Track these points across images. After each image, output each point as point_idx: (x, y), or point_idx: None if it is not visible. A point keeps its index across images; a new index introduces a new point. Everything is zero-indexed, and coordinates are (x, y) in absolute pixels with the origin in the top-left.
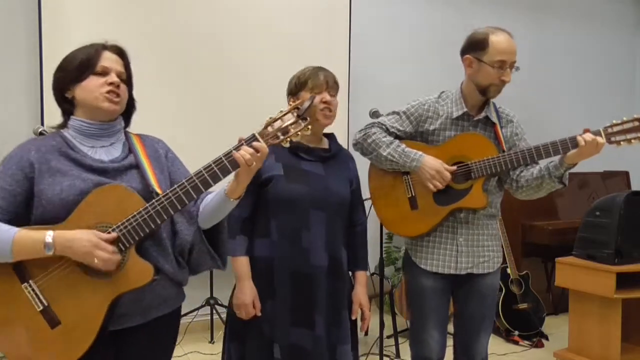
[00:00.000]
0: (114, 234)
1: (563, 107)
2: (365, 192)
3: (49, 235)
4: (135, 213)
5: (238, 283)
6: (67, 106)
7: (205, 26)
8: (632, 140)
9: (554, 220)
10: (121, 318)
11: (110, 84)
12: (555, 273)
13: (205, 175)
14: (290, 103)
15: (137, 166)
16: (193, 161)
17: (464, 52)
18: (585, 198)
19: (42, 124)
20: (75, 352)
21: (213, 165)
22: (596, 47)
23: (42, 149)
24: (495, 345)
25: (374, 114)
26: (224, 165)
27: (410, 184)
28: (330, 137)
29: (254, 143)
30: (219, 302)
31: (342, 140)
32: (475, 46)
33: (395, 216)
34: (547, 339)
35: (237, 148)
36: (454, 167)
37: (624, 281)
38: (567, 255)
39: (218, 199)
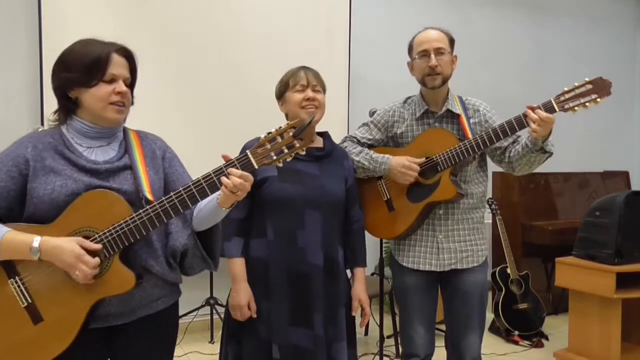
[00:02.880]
0: (98, 246)
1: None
2: None
3: (36, 240)
4: (121, 222)
5: (233, 285)
6: (70, 105)
7: (205, 26)
8: (587, 104)
9: (554, 220)
10: (108, 317)
11: (119, 93)
12: (555, 273)
13: (194, 190)
14: (280, 108)
15: (131, 167)
16: (192, 161)
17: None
18: (585, 198)
19: (42, 124)
20: (54, 348)
21: (202, 181)
22: (596, 47)
23: (39, 146)
24: (495, 345)
25: (374, 114)
26: (213, 182)
27: (384, 187)
28: (325, 135)
29: (242, 174)
30: (219, 302)
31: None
32: (408, 51)
33: (377, 221)
34: (547, 339)
35: (228, 167)
36: (421, 160)
37: (624, 281)
38: (567, 255)
39: (211, 206)
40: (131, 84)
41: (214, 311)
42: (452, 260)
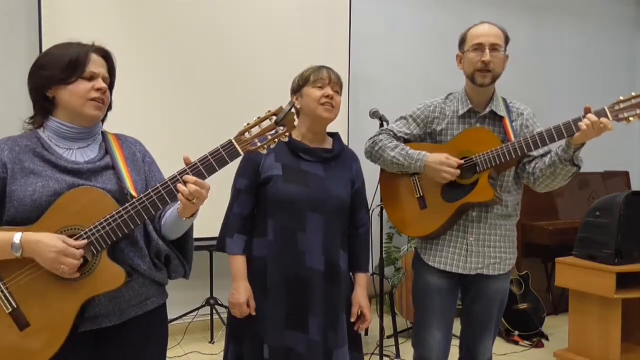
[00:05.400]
0: (84, 241)
1: (563, 107)
2: (376, 198)
3: (16, 236)
4: (108, 217)
5: (233, 282)
6: (47, 105)
7: (206, 26)
8: None
9: (554, 220)
10: (97, 318)
11: (98, 89)
12: (555, 273)
13: (179, 179)
14: (293, 101)
15: (112, 167)
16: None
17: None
18: (585, 198)
19: None
20: (43, 354)
21: (188, 170)
22: (596, 47)
23: (15, 149)
24: (495, 345)
25: (374, 114)
26: (199, 170)
27: (417, 184)
28: (335, 136)
29: (198, 182)
30: (219, 302)
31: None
32: (460, 44)
33: (407, 218)
34: (547, 339)
35: (214, 155)
36: (460, 161)
37: (624, 281)
38: (567, 255)
39: (173, 216)
40: (110, 85)
41: (214, 311)
42: (479, 265)
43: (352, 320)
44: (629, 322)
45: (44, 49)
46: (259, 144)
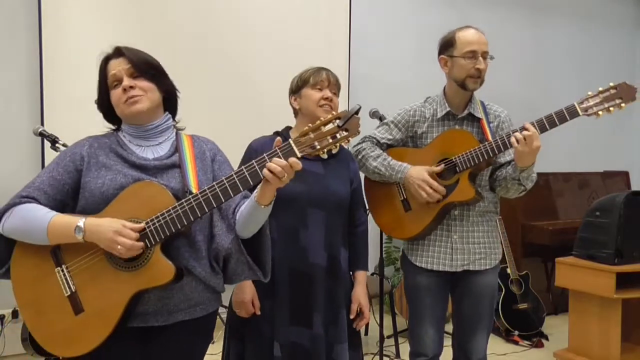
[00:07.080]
0: (141, 225)
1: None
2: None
3: (81, 220)
4: (164, 211)
5: None
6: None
7: (205, 27)
8: (611, 109)
9: (554, 220)
10: (146, 315)
11: (124, 90)
12: (555, 273)
13: (236, 179)
14: (292, 102)
15: (179, 166)
16: None
17: (438, 55)
18: (585, 198)
19: (42, 124)
20: (91, 342)
21: (244, 169)
22: (596, 47)
23: (95, 145)
24: (495, 345)
25: (374, 114)
26: (255, 170)
27: (401, 187)
28: None
29: (291, 159)
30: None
31: None
32: (445, 46)
33: (392, 220)
34: (547, 339)
35: (271, 156)
36: (440, 167)
37: (624, 281)
38: (567, 255)
39: (250, 206)
40: (148, 73)
41: None
42: (465, 262)
43: (352, 317)
44: (629, 322)
45: (44, 49)
46: (318, 147)
